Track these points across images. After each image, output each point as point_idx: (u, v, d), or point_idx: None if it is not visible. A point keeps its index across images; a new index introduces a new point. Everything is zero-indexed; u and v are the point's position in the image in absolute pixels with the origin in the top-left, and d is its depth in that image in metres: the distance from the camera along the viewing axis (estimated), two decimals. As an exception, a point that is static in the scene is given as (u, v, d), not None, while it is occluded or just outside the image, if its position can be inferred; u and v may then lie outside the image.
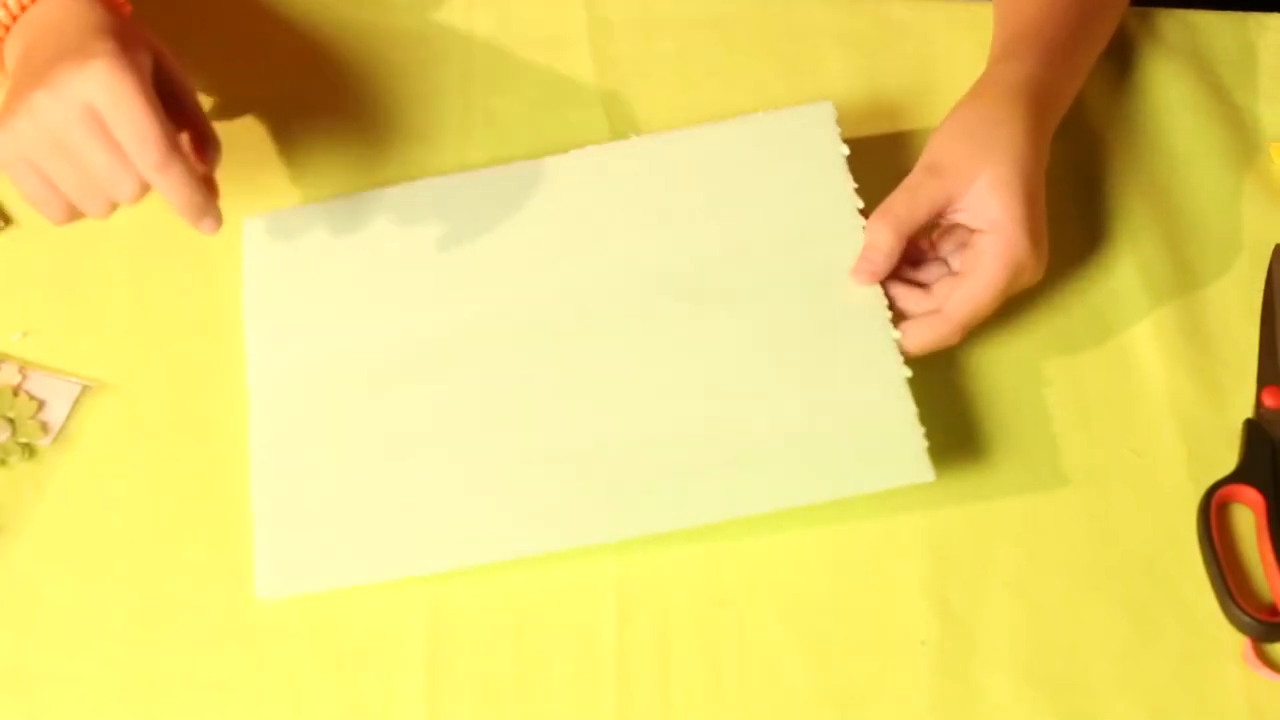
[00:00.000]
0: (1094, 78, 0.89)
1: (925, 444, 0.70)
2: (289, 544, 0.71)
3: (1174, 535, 0.75)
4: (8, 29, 0.72)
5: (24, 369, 0.76)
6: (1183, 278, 0.83)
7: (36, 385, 0.76)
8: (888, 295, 0.75)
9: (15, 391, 0.76)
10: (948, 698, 0.70)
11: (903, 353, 0.73)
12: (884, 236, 0.74)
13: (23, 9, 0.71)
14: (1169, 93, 0.89)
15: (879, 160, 0.86)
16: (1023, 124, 0.75)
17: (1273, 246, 0.83)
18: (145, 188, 0.68)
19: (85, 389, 0.76)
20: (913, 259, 0.76)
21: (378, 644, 0.71)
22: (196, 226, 0.70)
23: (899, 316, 0.74)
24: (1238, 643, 0.72)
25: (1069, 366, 0.80)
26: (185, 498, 0.74)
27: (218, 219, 0.70)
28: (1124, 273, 0.83)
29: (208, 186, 0.73)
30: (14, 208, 0.82)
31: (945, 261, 0.77)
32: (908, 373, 0.72)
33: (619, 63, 0.89)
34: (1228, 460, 0.76)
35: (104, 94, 0.66)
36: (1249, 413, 0.78)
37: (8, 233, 0.81)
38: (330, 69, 0.88)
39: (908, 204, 0.74)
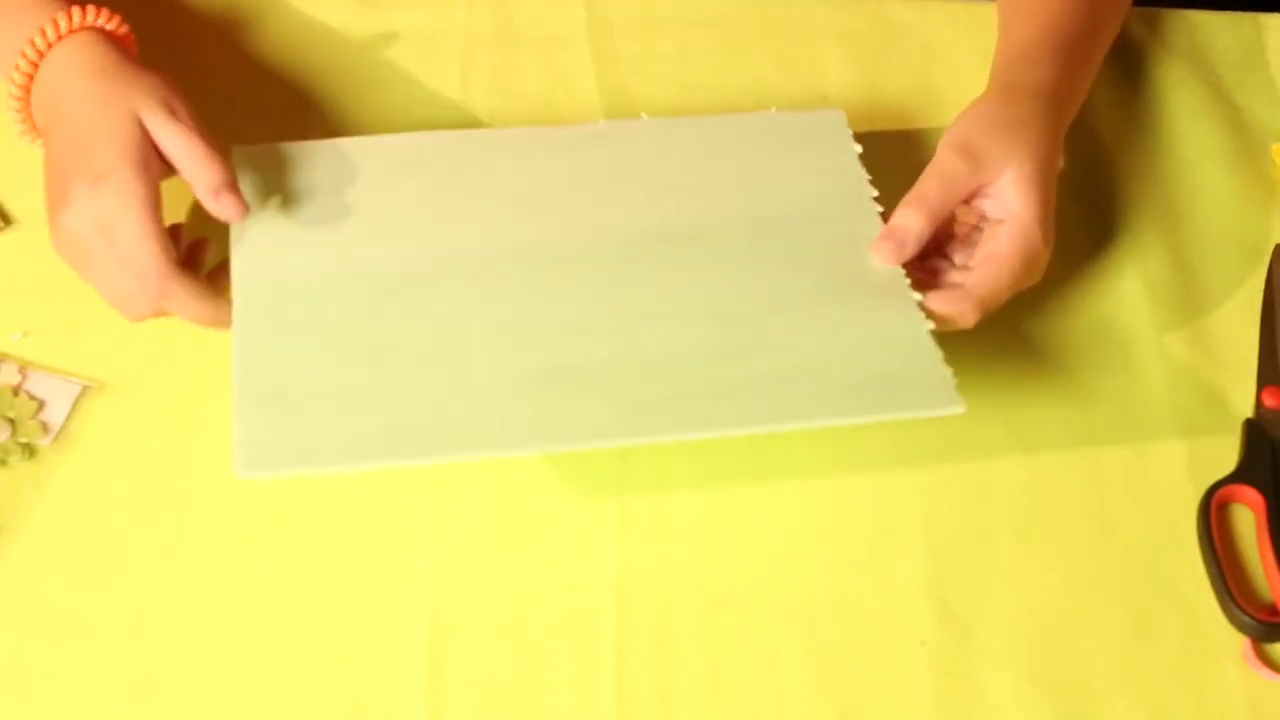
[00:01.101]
0: (1096, 79, 0.89)
1: (953, 380, 0.69)
2: (270, 425, 0.68)
3: (1174, 535, 0.75)
4: (27, 90, 0.75)
5: (24, 369, 0.76)
6: (1183, 278, 0.83)
7: (36, 385, 0.76)
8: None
9: (15, 391, 0.76)
10: (948, 698, 0.70)
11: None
12: (914, 219, 0.75)
13: (34, 66, 0.74)
14: (1170, 93, 0.89)
15: (879, 160, 0.86)
16: (1046, 126, 0.77)
17: (1273, 247, 0.83)
18: (156, 303, 0.72)
19: (85, 389, 0.76)
20: (923, 252, 0.76)
21: (378, 644, 0.71)
22: (211, 327, 0.73)
23: (917, 287, 0.74)
24: (1238, 643, 0.72)
25: (1069, 366, 0.80)
26: (185, 498, 0.74)
27: (229, 324, 0.72)
28: (1124, 273, 0.83)
29: (216, 280, 0.75)
30: (14, 208, 0.82)
31: (951, 260, 0.77)
32: (930, 324, 0.72)
33: (619, 63, 0.89)
34: (1228, 460, 0.76)
35: (111, 216, 0.70)
36: (1249, 413, 0.78)
37: (8, 233, 0.81)
38: (330, 68, 0.88)
39: (941, 190, 0.75)
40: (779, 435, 0.76)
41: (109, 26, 0.75)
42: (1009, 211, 0.75)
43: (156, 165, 0.72)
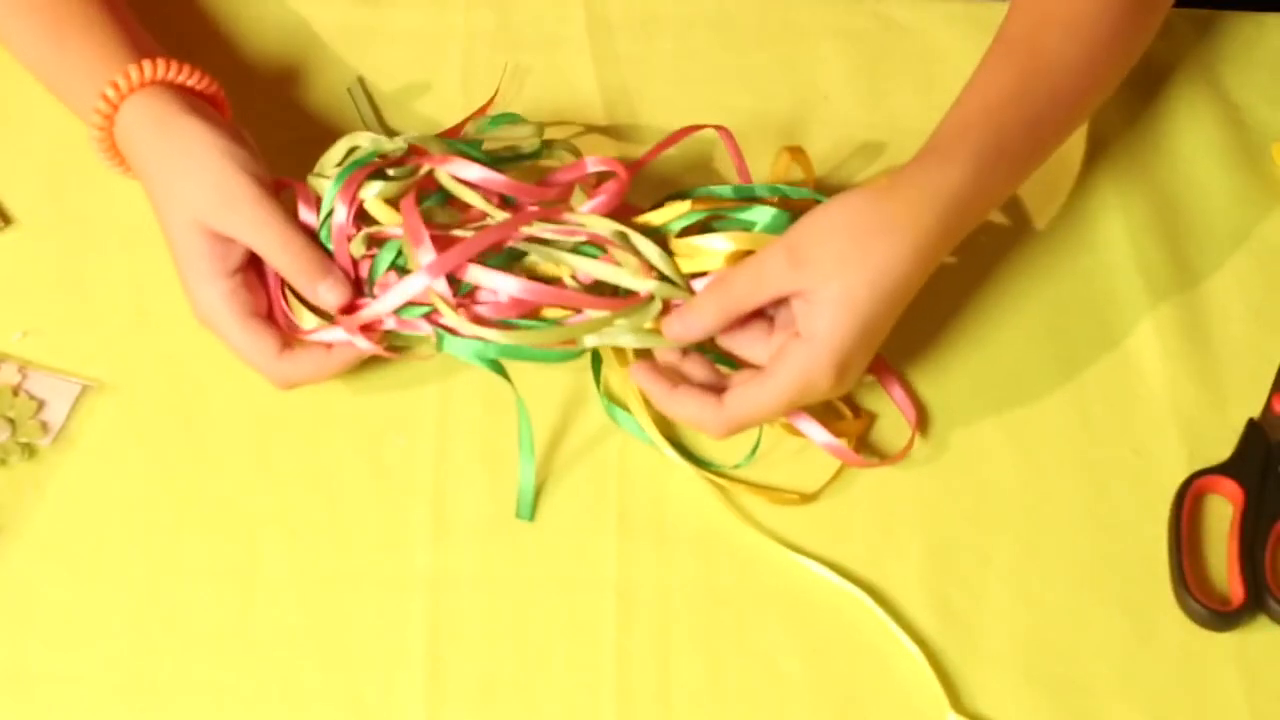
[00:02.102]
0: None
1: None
2: None
3: (1174, 535, 0.75)
4: (107, 131, 0.73)
5: (24, 369, 0.76)
6: (1183, 278, 0.83)
7: (36, 385, 0.76)
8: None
9: (15, 391, 0.76)
10: (947, 698, 0.70)
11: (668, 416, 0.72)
12: (710, 309, 0.69)
13: (109, 120, 0.73)
14: (1169, 93, 0.89)
15: (878, 159, 0.86)
16: (915, 239, 0.68)
17: (1273, 246, 0.83)
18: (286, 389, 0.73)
19: (85, 389, 0.76)
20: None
21: (378, 644, 0.71)
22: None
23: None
24: (1237, 643, 0.72)
25: (1069, 366, 0.80)
26: (185, 498, 0.74)
27: (351, 365, 0.73)
28: (1124, 273, 0.83)
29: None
30: (14, 208, 0.82)
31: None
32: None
33: (619, 63, 0.89)
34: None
35: (211, 322, 0.71)
36: (1249, 413, 0.78)
37: (8, 233, 0.81)
38: (330, 68, 0.88)
39: (751, 286, 0.68)
40: (777, 435, 0.76)
41: (186, 81, 0.74)
42: (811, 332, 0.67)
43: (236, 253, 0.71)
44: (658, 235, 0.73)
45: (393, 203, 0.72)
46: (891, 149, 0.86)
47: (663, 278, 0.71)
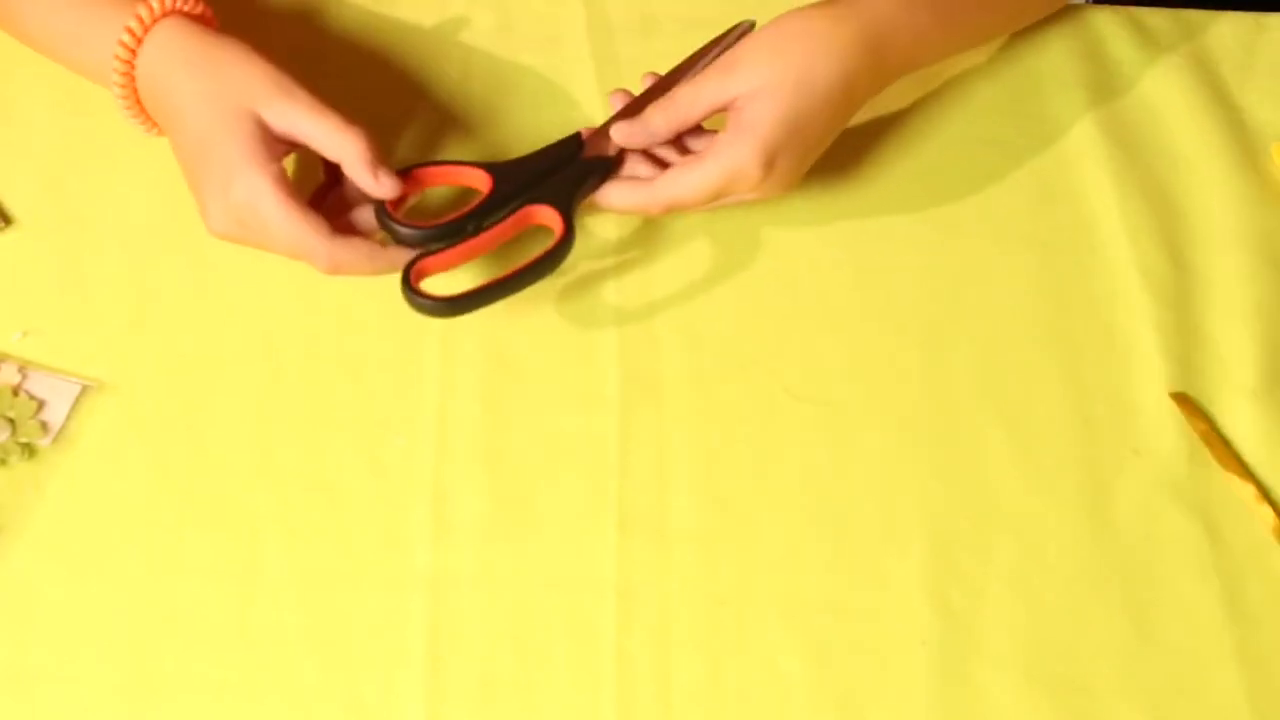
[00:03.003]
0: (1094, 78, 0.89)
1: None
2: None
3: (1174, 535, 0.75)
4: (131, 91, 0.74)
5: (24, 369, 0.76)
6: (1183, 278, 0.83)
7: (36, 385, 0.76)
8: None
9: (15, 391, 0.76)
10: (948, 698, 0.70)
11: (603, 207, 0.77)
12: (656, 117, 0.75)
13: (130, 65, 0.73)
14: (1169, 93, 0.89)
15: (878, 160, 0.86)
16: (842, 48, 0.74)
17: (1273, 246, 0.83)
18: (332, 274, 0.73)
19: (85, 389, 0.76)
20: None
21: (378, 644, 0.71)
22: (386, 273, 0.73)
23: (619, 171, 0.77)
24: (1238, 642, 0.72)
25: (1069, 366, 0.80)
26: (185, 498, 0.74)
27: (404, 261, 0.73)
28: (1124, 273, 0.83)
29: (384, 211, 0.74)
30: (14, 208, 0.82)
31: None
32: None
33: (619, 63, 0.89)
34: (1227, 459, 0.76)
35: (251, 217, 0.71)
36: (1249, 412, 0.78)
37: (8, 233, 0.81)
38: (329, 68, 0.88)
39: (690, 97, 0.75)
40: (777, 435, 0.77)
41: (189, 9, 0.75)
42: (737, 123, 0.73)
43: (279, 149, 0.72)
44: None
45: None
46: (892, 149, 0.86)
47: None
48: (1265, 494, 0.75)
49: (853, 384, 0.79)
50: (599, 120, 0.84)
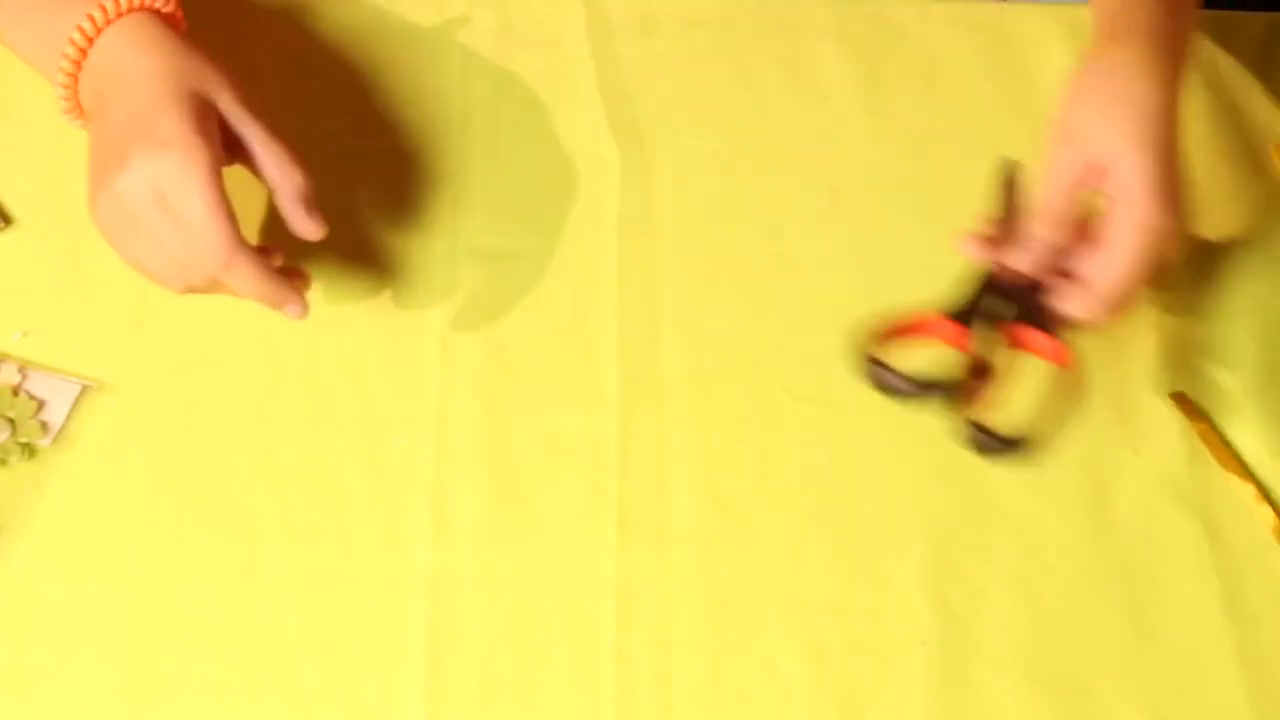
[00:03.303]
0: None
1: None
2: None
3: (1174, 535, 0.75)
4: (76, 71, 0.72)
5: (24, 369, 0.76)
6: (1182, 278, 0.83)
7: (36, 385, 0.76)
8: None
9: (15, 391, 0.76)
10: (948, 698, 0.70)
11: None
12: (1044, 227, 0.71)
13: (87, 45, 0.71)
14: (1169, 93, 0.89)
15: (878, 160, 0.86)
16: (1154, 72, 0.71)
17: (1274, 246, 0.83)
18: (218, 275, 0.69)
19: (85, 389, 0.76)
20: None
21: (378, 644, 0.71)
22: (279, 311, 0.71)
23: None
24: (1238, 642, 0.72)
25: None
26: (185, 498, 0.74)
27: (299, 305, 0.71)
28: (1124, 273, 0.83)
29: (289, 272, 0.72)
30: (14, 208, 0.82)
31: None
32: None
33: (619, 63, 0.89)
34: (1227, 459, 0.76)
35: (173, 184, 0.67)
36: (1248, 412, 0.78)
37: (8, 233, 0.81)
38: (329, 69, 0.88)
39: (1051, 188, 0.70)
40: (777, 435, 0.77)
41: (162, 8, 0.73)
42: (1119, 186, 0.69)
43: (219, 142, 0.70)
44: None
45: None
46: (892, 149, 0.86)
47: None
48: (1265, 494, 0.75)
49: (853, 384, 0.79)
50: (602, 123, 0.84)
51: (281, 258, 0.73)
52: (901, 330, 0.73)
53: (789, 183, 0.85)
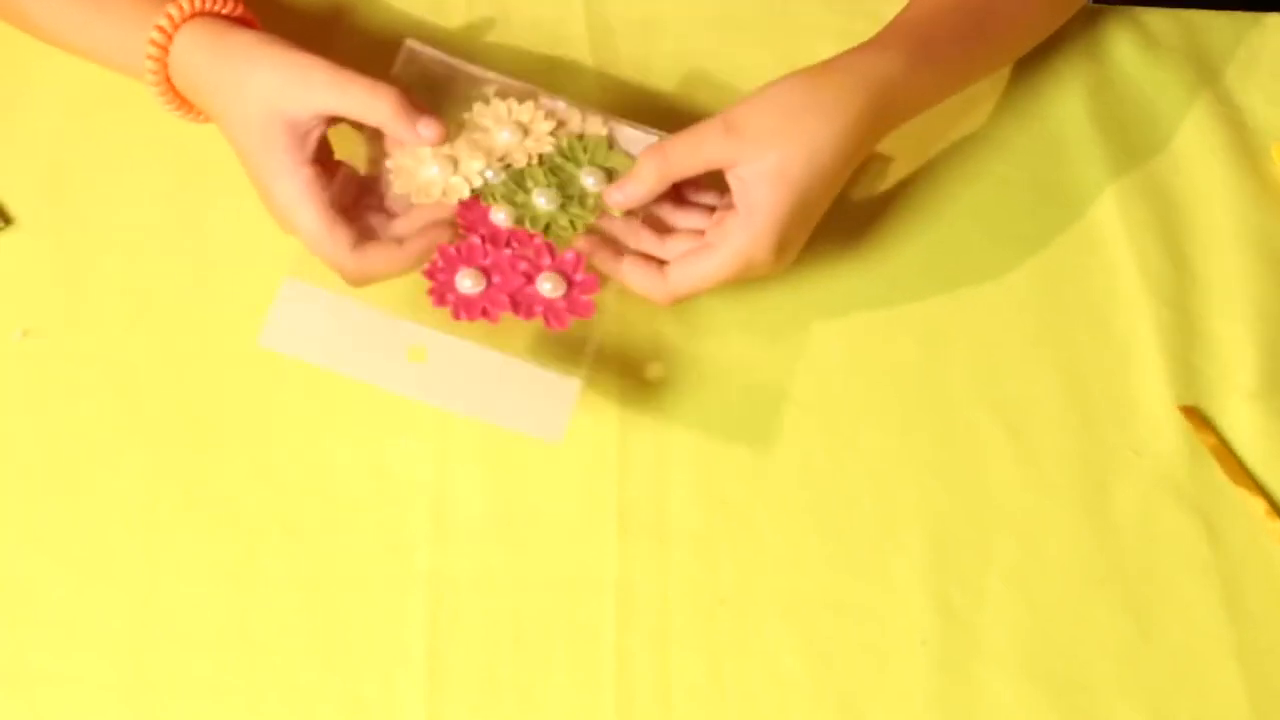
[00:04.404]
0: (1094, 78, 0.89)
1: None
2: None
3: (1174, 535, 0.75)
4: (162, 75, 0.74)
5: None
6: (1183, 278, 0.83)
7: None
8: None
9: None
10: (948, 697, 0.70)
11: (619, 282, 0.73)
12: (649, 172, 0.71)
13: (163, 59, 0.73)
14: (1169, 93, 0.89)
15: (878, 160, 0.86)
16: (849, 120, 0.71)
17: (1273, 246, 0.83)
18: (350, 277, 0.71)
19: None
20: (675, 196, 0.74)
21: (378, 644, 0.71)
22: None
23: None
24: (1238, 642, 0.72)
25: (1069, 366, 0.80)
26: (185, 497, 0.74)
27: (420, 260, 0.71)
28: (1124, 273, 0.83)
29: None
30: (14, 208, 0.82)
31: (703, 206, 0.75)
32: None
33: (619, 63, 0.89)
34: (1238, 473, 0.76)
35: (289, 218, 0.70)
36: (1247, 412, 0.78)
37: (8, 233, 0.81)
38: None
39: (687, 152, 0.71)
40: (777, 435, 0.77)
41: (226, 11, 0.74)
42: (749, 205, 0.70)
43: (311, 144, 0.71)
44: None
45: None
46: (891, 149, 0.86)
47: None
48: (1276, 508, 0.75)
49: (853, 384, 0.79)
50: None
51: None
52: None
53: (789, 183, 0.85)
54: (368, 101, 0.70)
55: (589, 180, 0.73)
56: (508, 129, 0.73)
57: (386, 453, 0.76)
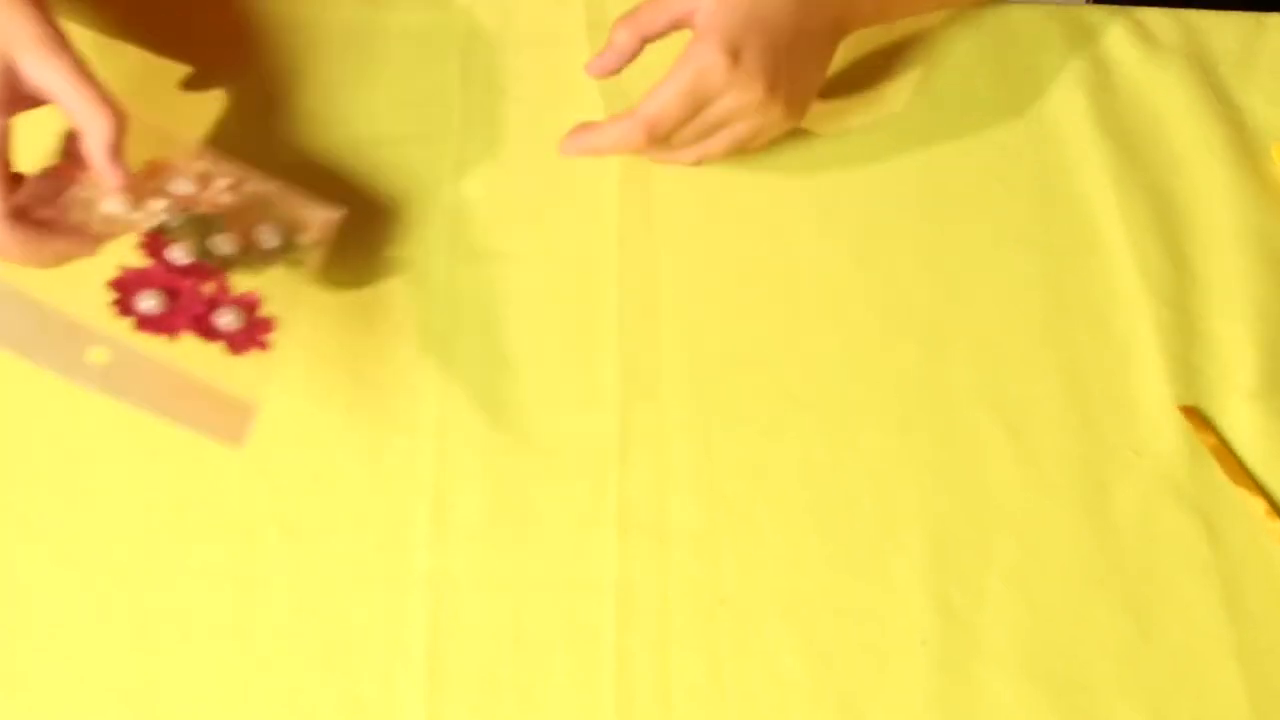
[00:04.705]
0: (1094, 78, 0.89)
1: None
2: None
3: (1174, 535, 0.75)
4: None
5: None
6: (1183, 278, 0.83)
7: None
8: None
9: None
10: (948, 698, 0.70)
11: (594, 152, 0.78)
12: (623, 36, 0.77)
13: None
14: (1169, 93, 0.89)
15: (878, 161, 0.86)
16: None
17: (1273, 246, 0.83)
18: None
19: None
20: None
21: (378, 644, 0.71)
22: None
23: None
24: (1238, 642, 0.72)
25: (1069, 366, 0.80)
26: (185, 498, 0.74)
27: (47, 265, 0.69)
28: (1124, 273, 0.83)
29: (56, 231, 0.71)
30: (14, 208, 0.82)
31: None
32: None
33: (619, 63, 0.89)
34: (1238, 473, 0.76)
35: None
36: (1247, 412, 0.78)
37: (8, 233, 0.81)
38: (329, 68, 0.88)
39: (651, 10, 0.77)
40: (777, 435, 0.77)
41: None
42: (696, 24, 0.75)
43: (21, 104, 0.69)
44: None
45: None
46: (891, 149, 0.86)
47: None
48: (1276, 508, 0.75)
49: (853, 384, 0.79)
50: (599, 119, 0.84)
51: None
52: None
53: (789, 182, 0.85)
54: (90, 110, 0.69)
55: (265, 233, 0.74)
56: (189, 180, 0.74)
57: (386, 453, 0.76)
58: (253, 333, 0.72)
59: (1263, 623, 0.73)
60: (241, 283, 0.73)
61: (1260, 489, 0.76)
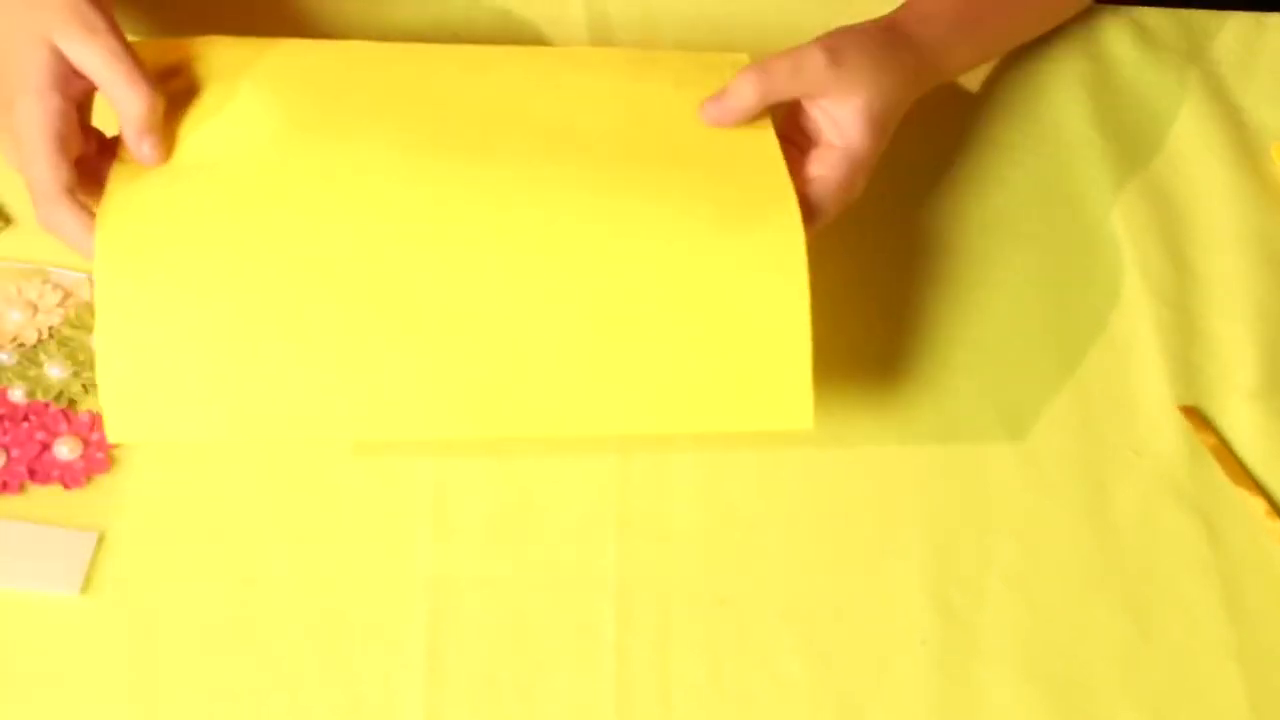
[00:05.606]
0: (1094, 78, 0.89)
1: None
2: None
3: (1174, 535, 0.75)
4: None
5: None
6: (1183, 278, 0.83)
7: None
8: None
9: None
10: (948, 698, 0.70)
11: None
12: (748, 91, 0.71)
13: None
14: (1169, 93, 0.89)
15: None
16: (910, 80, 0.75)
17: (1273, 246, 0.83)
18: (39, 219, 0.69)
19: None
20: None
21: (378, 644, 0.71)
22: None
23: None
24: (1238, 642, 0.72)
25: (1069, 367, 0.80)
26: (184, 498, 0.74)
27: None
28: (1124, 273, 0.83)
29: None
30: (14, 208, 0.82)
31: None
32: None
33: (619, 63, 0.89)
34: (1238, 473, 0.76)
35: (19, 138, 0.68)
36: (1247, 412, 0.78)
37: (7, 233, 0.81)
38: (330, 69, 0.88)
39: (788, 76, 0.72)
40: (777, 435, 0.77)
41: None
42: (847, 142, 0.73)
43: (76, 85, 0.69)
44: None
45: None
46: (891, 149, 0.86)
47: None
48: (1276, 508, 0.75)
49: (852, 383, 0.79)
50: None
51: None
52: None
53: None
54: (122, 89, 0.69)
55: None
56: (17, 309, 0.75)
57: (386, 453, 0.76)
58: (91, 456, 0.74)
59: (1263, 623, 0.73)
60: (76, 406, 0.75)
61: (1260, 489, 0.76)
